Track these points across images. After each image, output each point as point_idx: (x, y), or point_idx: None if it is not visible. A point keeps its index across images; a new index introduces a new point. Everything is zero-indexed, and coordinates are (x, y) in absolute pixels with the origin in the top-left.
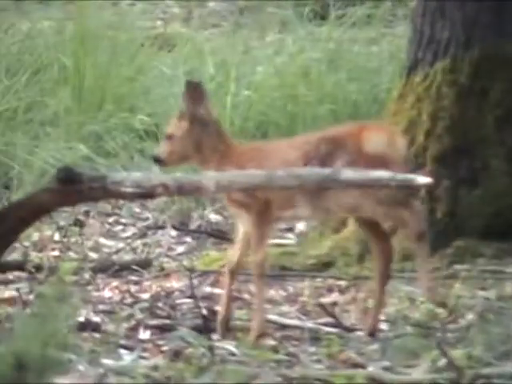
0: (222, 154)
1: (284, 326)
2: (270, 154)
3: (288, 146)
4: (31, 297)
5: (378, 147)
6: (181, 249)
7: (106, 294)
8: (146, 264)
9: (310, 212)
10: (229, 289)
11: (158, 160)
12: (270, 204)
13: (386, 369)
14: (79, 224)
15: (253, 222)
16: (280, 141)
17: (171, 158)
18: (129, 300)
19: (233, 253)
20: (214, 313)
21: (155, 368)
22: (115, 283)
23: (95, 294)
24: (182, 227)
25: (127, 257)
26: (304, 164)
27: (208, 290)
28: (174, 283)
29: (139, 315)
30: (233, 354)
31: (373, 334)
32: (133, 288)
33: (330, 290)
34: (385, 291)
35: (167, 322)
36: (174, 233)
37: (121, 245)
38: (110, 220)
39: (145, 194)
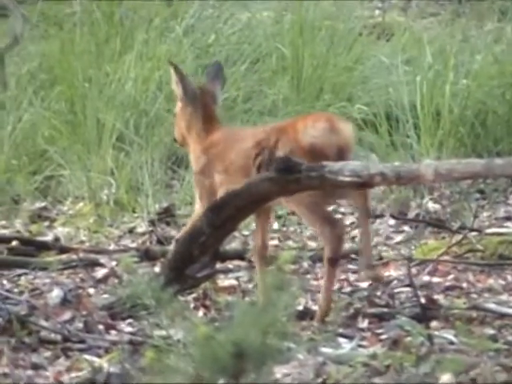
0: (202, 136)
1: (503, 315)
2: (235, 140)
3: (251, 133)
4: (250, 285)
5: (313, 138)
6: (399, 238)
7: None
8: None
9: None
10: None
11: (175, 140)
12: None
13: None
14: None
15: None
16: (251, 128)
17: (178, 137)
18: (347, 289)
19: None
20: (432, 301)
21: (374, 356)
22: None
23: (314, 282)
24: (401, 216)
25: (346, 246)
26: (256, 153)
27: (426, 278)
28: (393, 272)
29: (358, 304)
30: (451, 343)
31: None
32: (351, 277)
33: None
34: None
35: (386, 310)
36: (392, 222)
37: None
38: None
39: (363, 183)
